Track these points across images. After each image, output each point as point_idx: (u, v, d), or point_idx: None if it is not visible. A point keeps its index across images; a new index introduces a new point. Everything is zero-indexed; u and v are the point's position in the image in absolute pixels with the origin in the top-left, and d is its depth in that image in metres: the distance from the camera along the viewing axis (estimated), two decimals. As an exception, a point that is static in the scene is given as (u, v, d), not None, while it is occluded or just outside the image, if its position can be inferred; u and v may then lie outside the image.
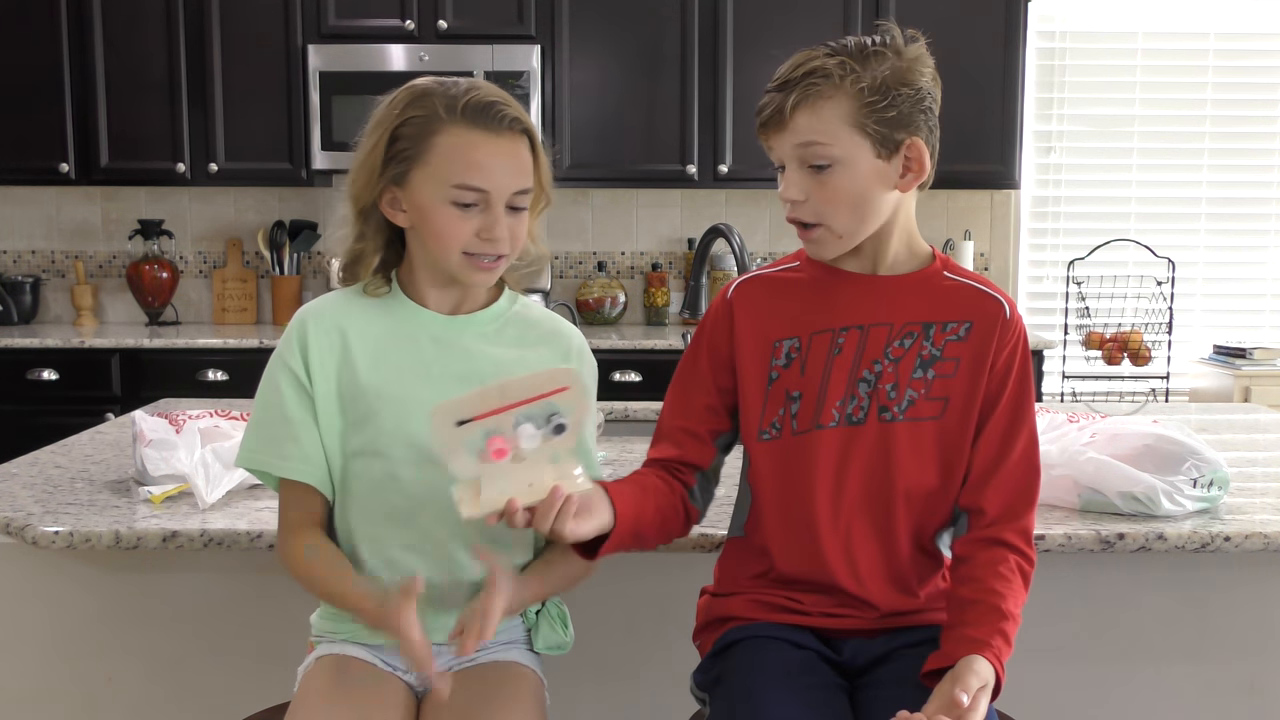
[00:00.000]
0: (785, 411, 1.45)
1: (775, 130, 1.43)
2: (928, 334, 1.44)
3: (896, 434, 1.43)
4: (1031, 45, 4.33)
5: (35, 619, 1.94)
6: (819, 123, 1.39)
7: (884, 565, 1.46)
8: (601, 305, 4.36)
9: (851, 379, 1.44)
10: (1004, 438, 1.45)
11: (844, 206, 1.41)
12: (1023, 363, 1.47)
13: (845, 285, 1.47)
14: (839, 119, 1.39)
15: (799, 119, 1.40)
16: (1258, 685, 1.95)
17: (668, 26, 4.08)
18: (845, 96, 1.39)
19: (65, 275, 4.51)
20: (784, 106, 1.40)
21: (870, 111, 1.39)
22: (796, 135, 1.40)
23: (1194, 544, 1.71)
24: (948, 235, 4.47)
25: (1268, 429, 2.54)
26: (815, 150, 1.40)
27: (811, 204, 1.42)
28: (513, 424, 1.31)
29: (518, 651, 1.54)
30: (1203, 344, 4.49)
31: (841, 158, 1.40)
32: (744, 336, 1.48)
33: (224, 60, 4.08)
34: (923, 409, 1.43)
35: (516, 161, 1.44)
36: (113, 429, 2.43)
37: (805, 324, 1.46)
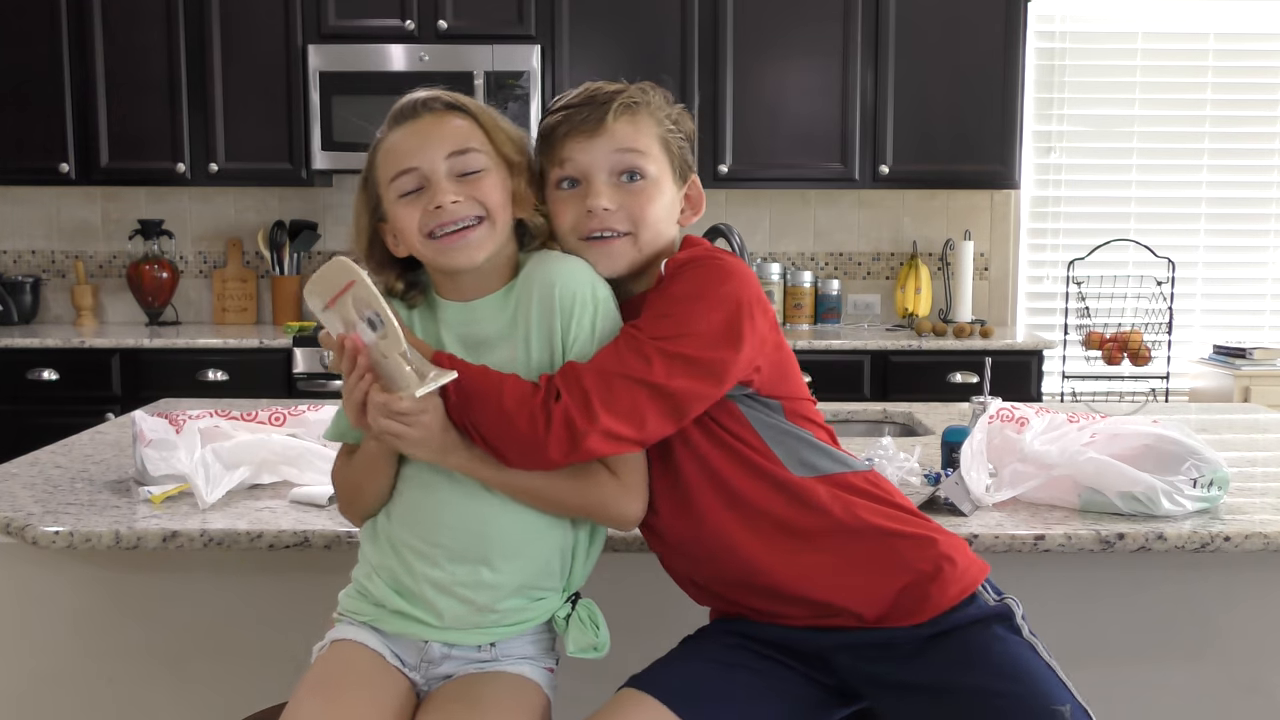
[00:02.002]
0: None
1: (594, 135, 1.44)
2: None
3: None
4: (1031, 45, 4.33)
5: (35, 619, 1.94)
6: (638, 133, 1.44)
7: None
8: (601, 305, 4.35)
9: None
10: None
11: (654, 218, 1.45)
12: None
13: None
14: (652, 135, 1.45)
15: (618, 128, 1.43)
16: (1258, 685, 1.95)
17: (668, 27, 4.08)
18: (658, 124, 1.46)
19: (65, 275, 4.51)
20: (604, 115, 1.43)
21: (672, 136, 1.48)
22: (617, 142, 1.44)
23: (1194, 544, 1.71)
24: (948, 235, 4.47)
25: (1268, 429, 2.54)
26: (631, 160, 1.44)
27: (625, 214, 1.44)
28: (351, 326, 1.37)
29: (529, 666, 1.53)
30: (1203, 344, 4.49)
31: (654, 174, 1.45)
32: None
33: (224, 60, 4.08)
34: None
35: (441, 130, 1.45)
36: (113, 429, 2.43)
37: None
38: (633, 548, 1.71)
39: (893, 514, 1.45)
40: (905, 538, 1.44)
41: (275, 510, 1.81)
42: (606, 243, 1.44)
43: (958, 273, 4.36)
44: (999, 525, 1.74)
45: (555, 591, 1.52)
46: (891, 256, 4.52)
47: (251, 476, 1.92)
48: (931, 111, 4.11)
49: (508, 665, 1.51)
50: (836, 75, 4.09)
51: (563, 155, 1.45)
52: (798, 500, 1.42)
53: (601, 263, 1.45)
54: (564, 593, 1.53)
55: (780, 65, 4.11)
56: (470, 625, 1.48)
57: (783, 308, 4.38)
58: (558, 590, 1.52)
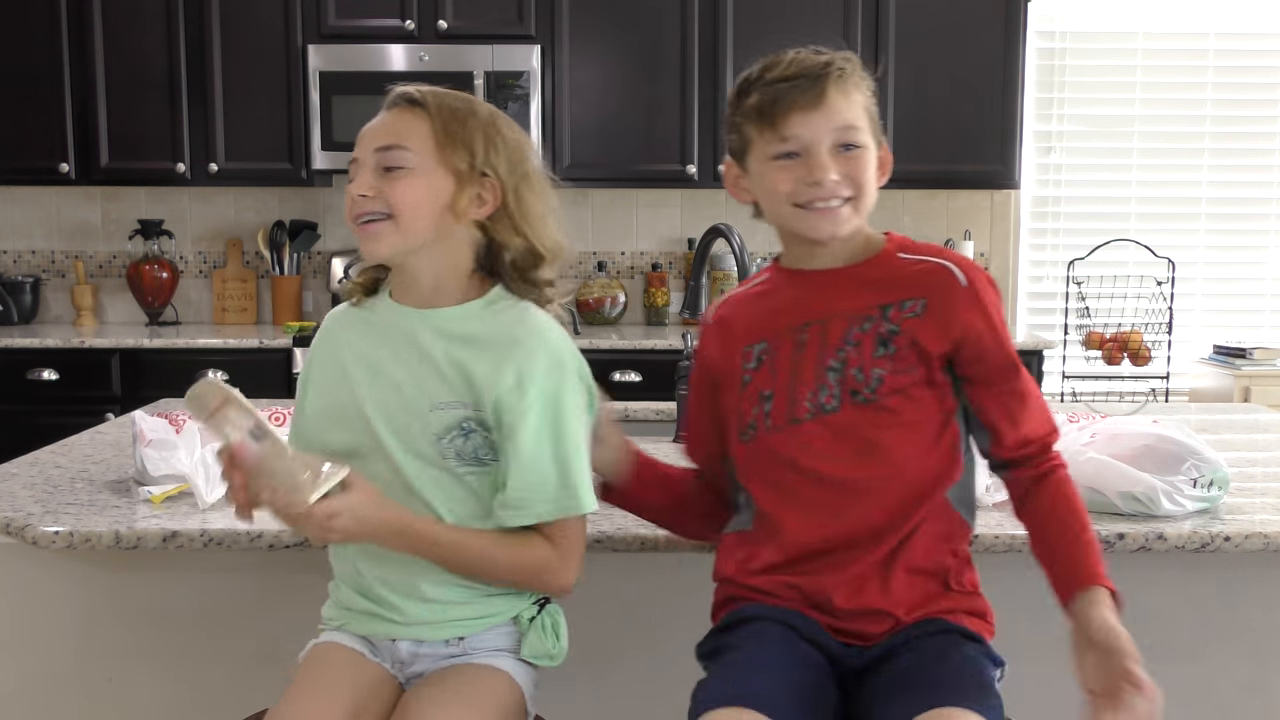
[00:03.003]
0: (759, 410, 1.51)
1: (816, 108, 1.45)
2: (885, 315, 1.48)
3: (872, 413, 1.46)
4: (1031, 45, 4.33)
5: (35, 619, 1.94)
6: (852, 105, 1.47)
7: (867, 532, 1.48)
8: (601, 305, 4.36)
9: (819, 370, 1.48)
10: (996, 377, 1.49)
11: (871, 184, 1.49)
12: (986, 314, 1.48)
13: (805, 284, 1.53)
14: (861, 105, 1.48)
15: (837, 101, 1.45)
16: (1258, 685, 1.95)
17: (668, 26, 4.08)
18: (861, 90, 1.49)
19: (65, 275, 4.51)
20: (824, 88, 1.44)
21: (876, 111, 1.51)
22: (839, 116, 1.46)
23: (1194, 544, 1.71)
24: (948, 235, 4.47)
25: (1268, 429, 2.54)
26: (852, 131, 1.46)
27: (850, 182, 1.47)
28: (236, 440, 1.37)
29: (504, 658, 1.52)
30: (1203, 344, 4.49)
31: (866, 142, 1.48)
32: (722, 351, 1.57)
33: (224, 60, 4.08)
34: (895, 383, 1.46)
35: (382, 124, 1.48)
36: (113, 429, 2.43)
37: (770, 328, 1.53)
38: (632, 547, 1.71)
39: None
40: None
41: (275, 510, 1.81)
42: (830, 211, 1.46)
43: (958, 273, 4.36)
44: (999, 525, 1.74)
45: (524, 592, 1.53)
46: (891, 256, 4.51)
47: (251, 477, 1.92)
48: (931, 111, 4.11)
49: (483, 657, 1.52)
50: (836, 75, 4.09)
51: (783, 131, 1.46)
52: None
53: (826, 228, 1.48)
54: (531, 594, 1.54)
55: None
56: (436, 620, 1.50)
57: (783, 308, 4.38)
58: (529, 599, 1.54)
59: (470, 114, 1.48)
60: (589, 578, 1.62)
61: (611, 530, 1.72)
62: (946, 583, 1.50)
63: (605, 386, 1.67)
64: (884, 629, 1.47)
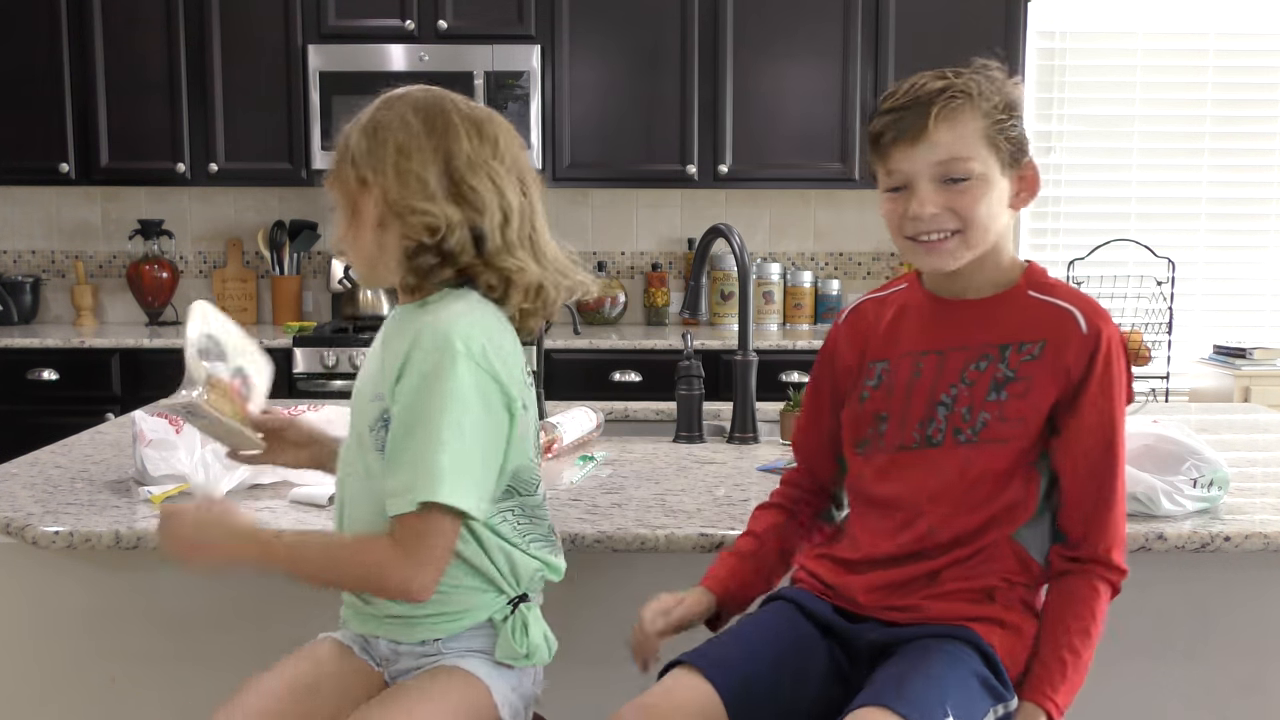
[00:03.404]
0: (874, 430, 1.55)
1: (916, 143, 1.44)
2: (1003, 356, 1.47)
3: (972, 455, 1.47)
4: (1031, 45, 4.33)
5: (35, 619, 1.94)
6: (959, 138, 1.43)
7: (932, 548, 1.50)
8: (601, 305, 4.36)
9: (930, 402, 1.50)
10: (1087, 452, 1.47)
11: (983, 217, 1.45)
12: (1104, 371, 1.46)
13: (934, 310, 1.53)
14: (977, 134, 1.43)
15: (941, 133, 1.42)
16: (1258, 685, 1.95)
17: (668, 26, 4.08)
18: (982, 113, 1.44)
19: (65, 275, 4.51)
20: (925, 121, 1.42)
21: (1000, 129, 1.44)
22: (940, 150, 1.43)
23: (1194, 544, 1.71)
24: (948, 235, 4.47)
25: (1268, 429, 2.54)
26: (956, 165, 1.43)
27: (952, 215, 1.44)
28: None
29: (475, 660, 1.50)
30: (1203, 344, 4.49)
31: (981, 172, 1.44)
32: (847, 356, 1.60)
33: (224, 60, 4.08)
34: (997, 430, 1.46)
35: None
36: (113, 429, 2.43)
37: (895, 347, 1.55)
38: (632, 547, 1.71)
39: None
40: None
41: (275, 510, 1.81)
42: (936, 245, 1.46)
43: (958, 272, 4.36)
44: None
45: (493, 591, 1.49)
46: (892, 256, 4.51)
47: (251, 476, 1.92)
48: (931, 111, 4.10)
49: (454, 659, 1.50)
50: (836, 75, 4.09)
51: (888, 165, 1.47)
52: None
53: (932, 263, 1.48)
54: (505, 593, 1.50)
55: (780, 65, 4.11)
56: (407, 617, 1.49)
57: (783, 308, 4.39)
58: (496, 590, 1.49)
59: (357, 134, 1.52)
60: (590, 577, 1.62)
61: (611, 530, 1.72)
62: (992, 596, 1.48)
63: (605, 387, 1.67)
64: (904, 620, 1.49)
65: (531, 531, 1.52)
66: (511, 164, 1.47)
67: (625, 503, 1.88)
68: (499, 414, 1.41)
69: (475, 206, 1.42)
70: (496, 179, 1.44)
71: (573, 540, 1.69)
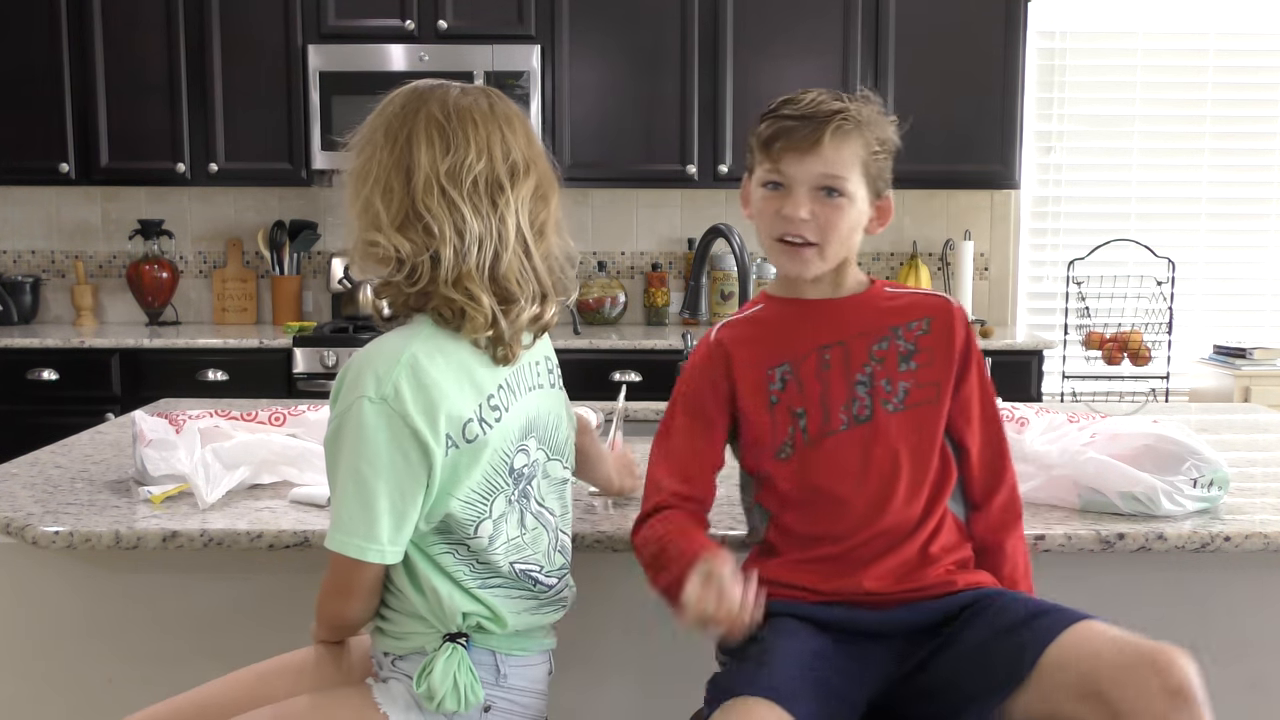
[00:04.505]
0: (794, 428, 1.57)
1: (807, 152, 1.54)
2: (898, 334, 1.60)
3: (901, 422, 1.56)
4: (1031, 45, 4.33)
5: (35, 619, 1.94)
6: (842, 158, 1.55)
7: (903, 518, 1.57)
8: (601, 305, 4.36)
9: (849, 384, 1.58)
10: (986, 413, 1.64)
11: (844, 234, 1.57)
12: (975, 343, 1.64)
13: (814, 310, 1.62)
14: (857, 159, 1.56)
15: (829, 150, 1.54)
16: (1258, 685, 1.95)
17: (668, 26, 4.08)
18: (864, 143, 1.56)
19: (65, 275, 4.51)
20: (821, 135, 1.53)
21: (875, 159, 1.58)
22: (826, 164, 1.54)
23: (1194, 544, 1.71)
24: (948, 235, 4.47)
25: (1268, 429, 2.54)
26: (835, 181, 1.54)
27: (816, 225, 1.55)
28: None
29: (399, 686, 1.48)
30: (1203, 344, 4.49)
31: (852, 192, 1.56)
32: (741, 370, 1.61)
33: (224, 60, 4.08)
34: (918, 395, 1.58)
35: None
36: (113, 429, 2.43)
37: (791, 350, 1.60)
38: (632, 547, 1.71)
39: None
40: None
41: (275, 510, 1.81)
42: (797, 249, 1.57)
43: (958, 273, 4.36)
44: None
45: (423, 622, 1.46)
46: (891, 256, 4.51)
47: (251, 476, 1.92)
48: (931, 111, 4.11)
49: (390, 681, 1.49)
50: (836, 75, 4.09)
51: (776, 164, 1.56)
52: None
53: (792, 268, 1.59)
54: (435, 628, 1.45)
55: (780, 65, 4.11)
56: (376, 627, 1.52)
57: (783, 307, 4.38)
58: (426, 623, 1.46)
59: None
60: (590, 577, 1.62)
61: (611, 530, 1.72)
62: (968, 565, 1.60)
63: (605, 387, 1.67)
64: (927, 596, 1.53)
65: (489, 575, 1.45)
66: (485, 169, 1.41)
67: (625, 503, 1.88)
68: (413, 457, 1.36)
69: (430, 232, 1.38)
70: (453, 199, 1.38)
71: (572, 540, 1.69)
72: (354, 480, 1.36)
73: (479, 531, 1.43)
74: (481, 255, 1.40)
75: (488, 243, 1.40)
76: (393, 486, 1.36)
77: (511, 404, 1.46)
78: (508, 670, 1.48)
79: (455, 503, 1.40)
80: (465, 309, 1.40)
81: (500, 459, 1.44)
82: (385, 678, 1.50)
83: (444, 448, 1.37)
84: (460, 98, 1.44)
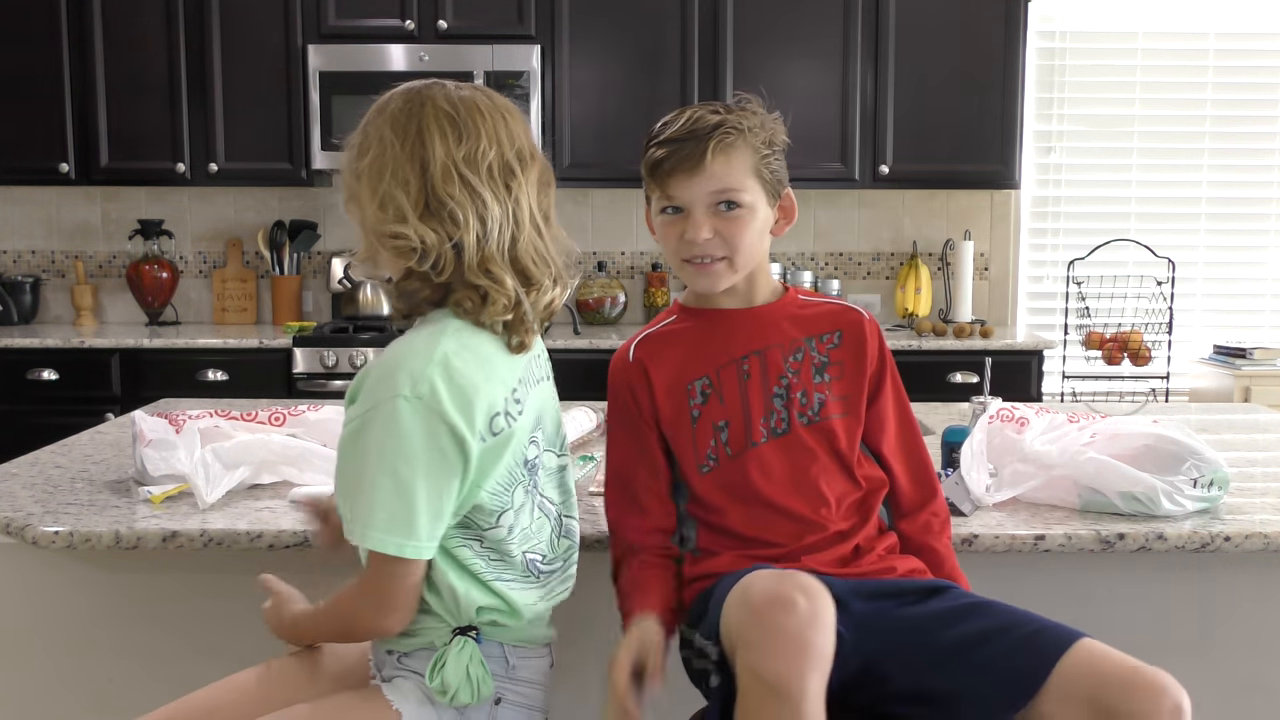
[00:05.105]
0: (716, 441, 1.58)
1: (694, 172, 1.55)
2: (811, 346, 1.62)
3: (817, 434, 1.59)
4: (1031, 45, 4.33)
5: (35, 619, 1.94)
6: (732, 171, 1.55)
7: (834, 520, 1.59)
8: (601, 305, 4.36)
9: (766, 396, 1.59)
10: (903, 423, 1.66)
11: (750, 243, 1.58)
12: (887, 355, 1.67)
13: (729, 320, 1.63)
14: (747, 167, 1.57)
15: (716, 165, 1.54)
16: (1258, 685, 1.95)
17: (668, 26, 4.08)
18: (751, 149, 1.57)
19: (65, 275, 4.51)
20: (704, 154, 1.54)
21: (765, 163, 1.59)
22: (715, 180, 1.55)
23: (1194, 544, 1.71)
24: (948, 235, 4.47)
25: (1268, 429, 2.54)
26: (729, 193, 1.56)
27: (720, 241, 1.57)
28: None
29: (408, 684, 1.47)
30: (1203, 344, 4.49)
31: (750, 202, 1.57)
32: (660, 386, 1.61)
33: (224, 60, 4.08)
34: (831, 408, 1.60)
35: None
36: (113, 429, 2.43)
37: (709, 362, 1.61)
38: (633, 548, 1.71)
39: None
40: None
41: (275, 510, 1.81)
42: (706, 267, 1.58)
43: (958, 273, 4.36)
44: (999, 525, 1.74)
45: (434, 616, 1.46)
46: (892, 256, 4.52)
47: (251, 476, 1.92)
48: (931, 111, 4.11)
49: (397, 680, 1.48)
50: (836, 75, 4.09)
51: (666, 190, 1.58)
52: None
53: (703, 284, 1.60)
54: (446, 622, 1.45)
55: (780, 65, 4.11)
56: None
57: (783, 308, 4.38)
58: (437, 616, 1.45)
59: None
60: (591, 577, 1.62)
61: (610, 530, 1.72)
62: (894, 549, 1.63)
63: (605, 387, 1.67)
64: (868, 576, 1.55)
65: (504, 568, 1.46)
66: (496, 156, 1.42)
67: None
68: (450, 453, 1.36)
69: (454, 220, 1.39)
70: (473, 185, 1.40)
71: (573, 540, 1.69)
72: (391, 478, 1.34)
73: (501, 521, 1.44)
74: (501, 238, 1.42)
75: (506, 226, 1.42)
76: (430, 484, 1.36)
77: (527, 396, 1.48)
78: (516, 662, 1.49)
79: (484, 494, 1.42)
80: (488, 293, 1.40)
81: (520, 450, 1.46)
82: (390, 676, 1.50)
83: (478, 442, 1.38)
84: (459, 91, 1.46)
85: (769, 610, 1.27)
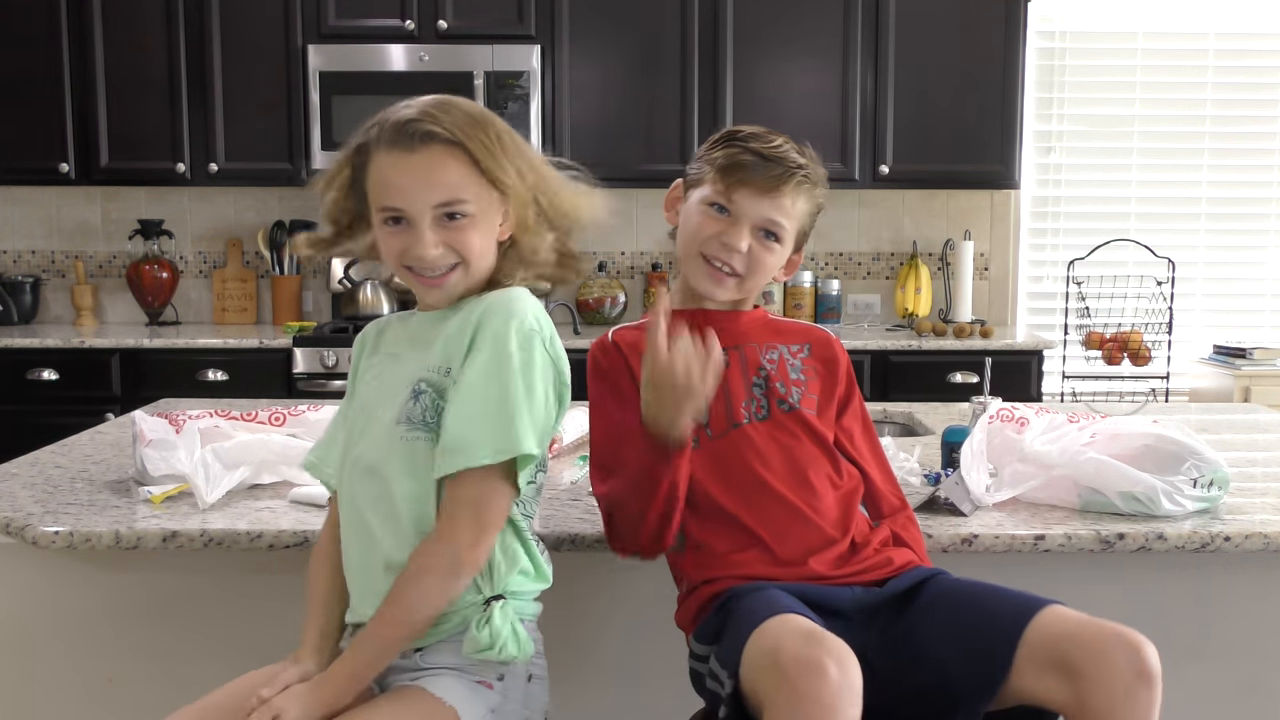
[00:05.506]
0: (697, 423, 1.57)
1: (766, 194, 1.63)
2: (786, 351, 1.71)
3: (796, 420, 1.64)
4: (1031, 45, 4.33)
5: (35, 619, 1.94)
6: (791, 213, 1.66)
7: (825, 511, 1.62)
8: (601, 305, 4.36)
9: (746, 384, 1.66)
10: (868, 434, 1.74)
11: (766, 274, 1.68)
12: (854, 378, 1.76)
13: (711, 320, 1.66)
14: (801, 215, 1.68)
15: (786, 199, 1.64)
16: (1258, 685, 1.95)
17: (668, 26, 4.08)
18: (812, 202, 1.69)
19: (65, 275, 4.51)
20: (784, 184, 1.64)
21: (811, 220, 1.71)
22: (780, 211, 1.64)
23: (1194, 544, 1.71)
24: (948, 235, 4.47)
25: (1268, 429, 2.54)
26: (780, 227, 1.65)
27: (747, 260, 1.65)
28: None
29: (453, 678, 1.46)
30: (1203, 344, 4.49)
31: (787, 240, 1.67)
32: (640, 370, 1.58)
33: (224, 60, 4.08)
34: (807, 403, 1.67)
35: (433, 176, 1.45)
36: (113, 429, 2.43)
37: None
38: (633, 548, 1.71)
39: None
40: None
41: (275, 510, 1.81)
42: (724, 276, 1.65)
43: (958, 273, 4.36)
44: (999, 525, 1.74)
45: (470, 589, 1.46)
46: (891, 256, 4.52)
47: (251, 476, 1.92)
48: (931, 111, 4.11)
49: (430, 677, 1.46)
50: (836, 75, 4.09)
51: (731, 193, 1.64)
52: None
53: (708, 286, 1.67)
54: (481, 593, 1.46)
55: (780, 65, 4.11)
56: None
57: (783, 308, 4.39)
58: (474, 588, 1.46)
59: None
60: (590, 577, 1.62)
61: (611, 530, 1.72)
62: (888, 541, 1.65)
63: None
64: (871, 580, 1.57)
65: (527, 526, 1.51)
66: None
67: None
68: (552, 400, 1.48)
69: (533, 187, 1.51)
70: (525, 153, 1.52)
71: (573, 540, 1.69)
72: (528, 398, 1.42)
73: (545, 466, 1.54)
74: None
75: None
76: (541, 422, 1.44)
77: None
78: (535, 637, 1.51)
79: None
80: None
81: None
82: (415, 678, 1.47)
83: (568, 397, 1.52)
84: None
85: (801, 677, 1.27)
